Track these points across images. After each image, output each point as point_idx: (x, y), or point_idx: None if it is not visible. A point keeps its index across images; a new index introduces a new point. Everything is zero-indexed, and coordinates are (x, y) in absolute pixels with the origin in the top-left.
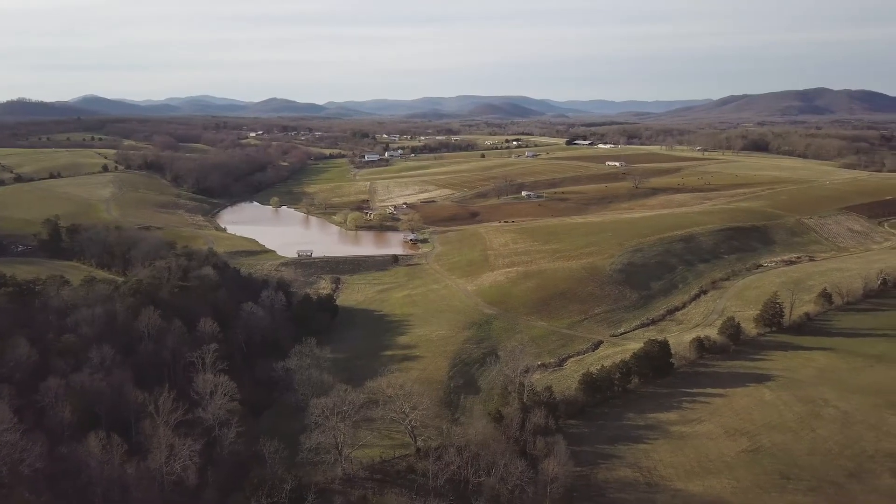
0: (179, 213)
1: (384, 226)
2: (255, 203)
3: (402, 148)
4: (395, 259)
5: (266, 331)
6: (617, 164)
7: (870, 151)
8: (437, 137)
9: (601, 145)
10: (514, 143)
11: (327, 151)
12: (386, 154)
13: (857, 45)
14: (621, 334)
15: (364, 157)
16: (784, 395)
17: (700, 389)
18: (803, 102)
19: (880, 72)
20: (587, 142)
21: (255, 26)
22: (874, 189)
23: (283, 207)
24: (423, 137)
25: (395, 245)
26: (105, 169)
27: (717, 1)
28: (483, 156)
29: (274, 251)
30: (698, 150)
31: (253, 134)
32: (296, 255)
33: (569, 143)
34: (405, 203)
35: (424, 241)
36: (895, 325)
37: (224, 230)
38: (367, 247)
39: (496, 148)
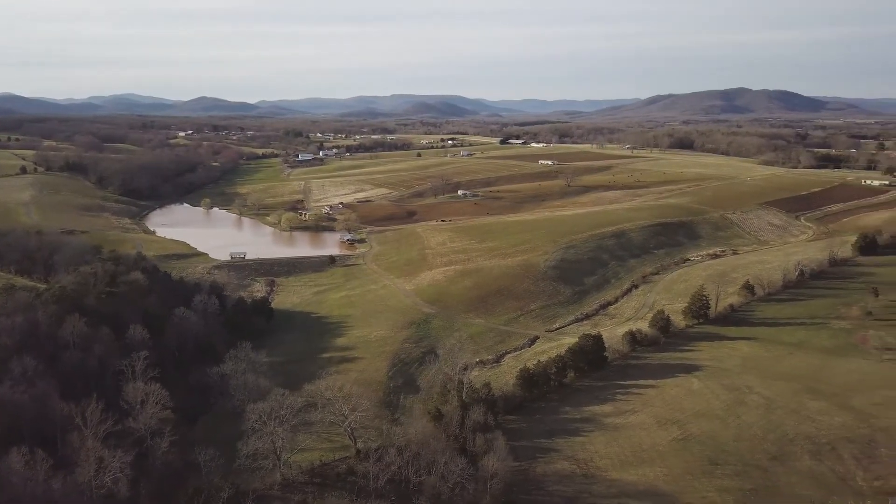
0: (105, 216)
1: (320, 226)
2: (186, 205)
3: (337, 147)
4: (331, 260)
5: (199, 336)
6: (549, 162)
7: (786, 149)
8: (373, 136)
9: (534, 144)
10: (450, 142)
11: (260, 151)
12: (320, 153)
13: (774, 46)
14: (557, 329)
15: (298, 156)
16: (711, 383)
17: (633, 381)
18: (725, 102)
19: (795, 72)
20: (520, 141)
21: (183, 23)
22: (791, 185)
23: (215, 209)
24: (358, 136)
25: (331, 245)
26: (23, 171)
27: (644, 2)
28: (419, 155)
29: (206, 254)
30: (627, 148)
31: (182, 133)
32: (229, 258)
33: (503, 142)
34: (341, 203)
35: (361, 241)
36: (812, 314)
37: (153, 233)
38: (302, 248)
39: (432, 147)
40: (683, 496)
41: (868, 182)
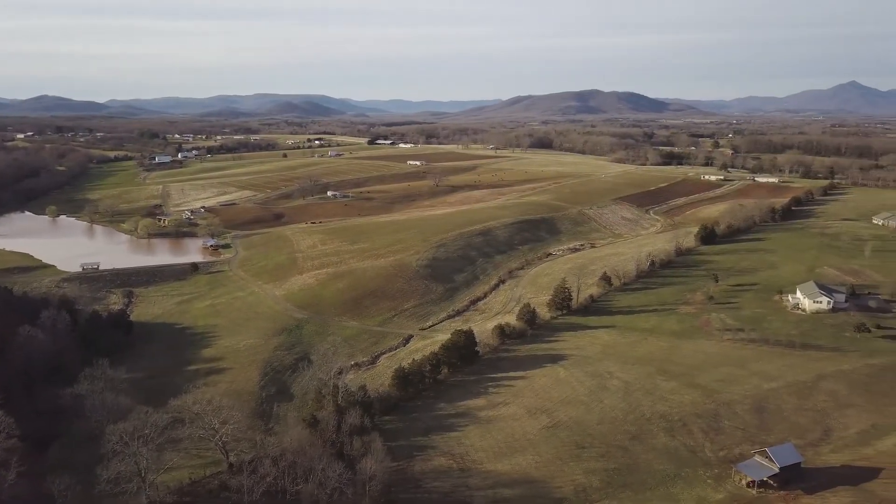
0: None
1: (180, 232)
2: (28, 213)
3: (198, 148)
4: (194, 267)
5: (49, 355)
6: (418, 163)
7: (636, 147)
8: (236, 137)
9: (402, 145)
10: (317, 142)
11: (112, 154)
12: (179, 155)
13: (621, 50)
14: (430, 327)
15: (154, 158)
16: (576, 371)
17: (504, 374)
18: (579, 102)
19: (641, 75)
20: (389, 141)
21: (19, 14)
22: (641, 181)
23: (62, 216)
24: (219, 137)
25: (193, 252)
26: None
27: (494, 5)
28: (285, 155)
29: (54, 266)
30: (491, 148)
31: (21, 135)
32: (80, 269)
33: (371, 142)
34: (203, 207)
35: (226, 246)
36: (662, 301)
37: None
38: (162, 255)
39: (298, 147)
40: (554, 481)
41: (706, 177)
